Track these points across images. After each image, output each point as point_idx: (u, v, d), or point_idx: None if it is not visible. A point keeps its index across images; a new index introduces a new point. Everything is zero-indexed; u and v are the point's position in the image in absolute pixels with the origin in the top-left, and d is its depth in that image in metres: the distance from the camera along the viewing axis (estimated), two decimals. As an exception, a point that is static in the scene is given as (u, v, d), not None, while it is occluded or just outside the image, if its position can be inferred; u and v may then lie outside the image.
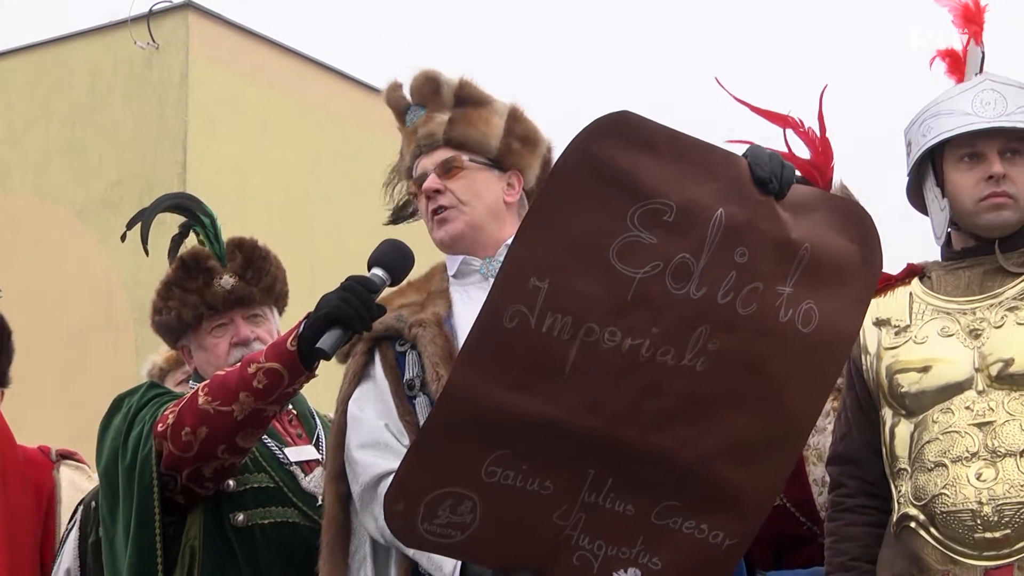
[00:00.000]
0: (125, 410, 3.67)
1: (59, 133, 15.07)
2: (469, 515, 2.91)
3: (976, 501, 3.29)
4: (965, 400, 3.38)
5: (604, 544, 3.00)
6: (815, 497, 3.93)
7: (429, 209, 3.45)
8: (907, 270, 3.63)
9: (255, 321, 3.88)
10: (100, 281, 14.13)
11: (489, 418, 2.84)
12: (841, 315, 3.03)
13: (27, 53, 15.56)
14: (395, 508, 2.90)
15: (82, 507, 4.53)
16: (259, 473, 3.72)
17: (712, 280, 2.87)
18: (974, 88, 3.51)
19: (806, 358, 3.00)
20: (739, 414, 2.97)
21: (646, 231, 2.81)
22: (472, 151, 3.46)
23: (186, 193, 4.08)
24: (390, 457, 3.25)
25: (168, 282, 3.90)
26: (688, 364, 2.89)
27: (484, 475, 2.88)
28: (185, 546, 3.61)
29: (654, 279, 2.83)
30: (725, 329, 2.90)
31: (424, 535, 2.92)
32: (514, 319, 2.79)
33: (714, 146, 2.93)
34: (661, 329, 2.85)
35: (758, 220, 2.91)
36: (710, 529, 3.04)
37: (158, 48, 14.62)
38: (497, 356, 2.82)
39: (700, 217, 2.85)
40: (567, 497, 2.95)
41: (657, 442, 2.93)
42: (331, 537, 3.34)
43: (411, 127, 3.47)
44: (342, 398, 3.39)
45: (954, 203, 3.51)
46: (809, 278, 2.96)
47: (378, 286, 3.31)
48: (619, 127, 2.81)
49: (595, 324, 2.81)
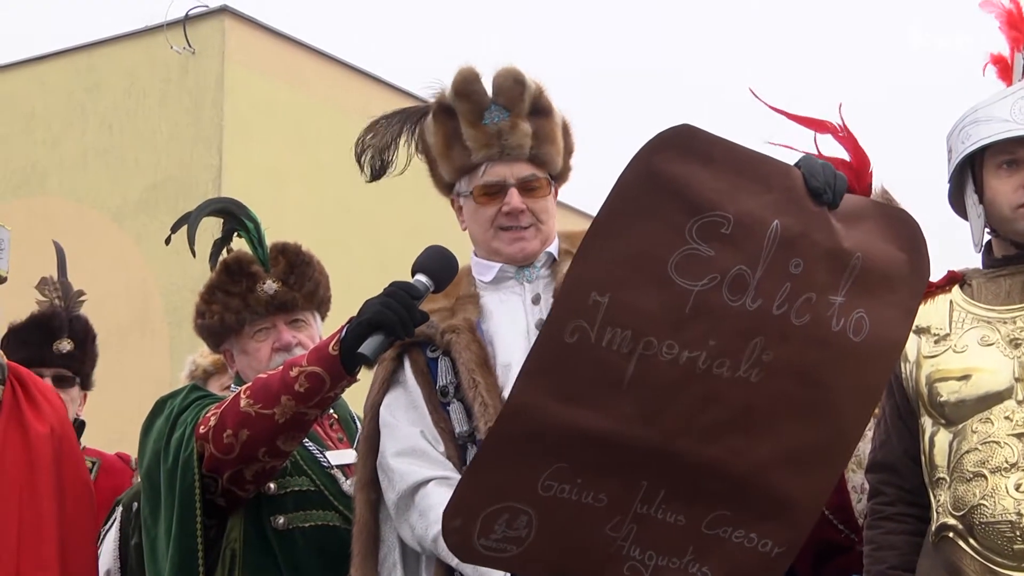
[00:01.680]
0: (167, 412, 3.69)
1: (96, 137, 15.14)
2: (525, 529, 2.92)
3: (1015, 512, 3.27)
4: (1005, 410, 3.37)
5: (655, 554, 3.02)
6: (854, 504, 3.92)
7: (504, 222, 3.43)
8: (947, 277, 3.63)
9: (297, 326, 3.89)
10: (136, 284, 14.19)
11: (548, 433, 2.85)
12: (890, 324, 3.04)
13: (64, 57, 15.63)
14: (453, 523, 2.91)
15: (121, 508, 4.56)
16: (300, 476, 3.74)
17: (767, 291, 2.89)
18: (1013, 95, 3.50)
19: (857, 367, 3.01)
20: (791, 424, 2.98)
21: (704, 244, 2.83)
22: (548, 170, 3.48)
23: (230, 198, 4.09)
24: (427, 465, 3.27)
25: (212, 286, 3.92)
26: (743, 375, 2.91)
27: (540, 489, 2.90)
28: (226, 548, 3.63)
29: (711, 292, 2.85)
30: (779, 340, 2.91)
31: (480, 550, 2.94)
32: (575, 334, 2.81)
33: (769, 157, 2.95)
34: (717, 341, 2.87)
35: (812, 231, 2.93)
36: (759, 538, 3.05)
37: (194, 53, 14.68)
38: (558, 371, 2.84)
39: (756, 229, 2.87)
40: (620, 509, 2.96)
41: (711, 453, 2.94)
42: (363, 544, 3.35)
43: (492, 128, 3.43)
44: (371, 404, 3.40)
45: (992, 210, 3.51)
46: (860, 287, 2.98)
47: (421, 292, 3.32)
48: (680, 140, 2.83)
49: (653, 338, 2.83)
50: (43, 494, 3.60)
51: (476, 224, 3.48)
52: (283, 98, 14.90)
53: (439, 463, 3.28)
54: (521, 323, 3.39)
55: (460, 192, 3.50)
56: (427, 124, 3.53)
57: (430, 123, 3.52)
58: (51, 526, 3.59)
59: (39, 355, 4.93)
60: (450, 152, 3.47)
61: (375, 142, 3.57)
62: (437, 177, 3.56)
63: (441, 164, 3.50)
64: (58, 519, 3.62)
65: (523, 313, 3.41)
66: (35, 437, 3.60)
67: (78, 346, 5.01)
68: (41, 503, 3.59)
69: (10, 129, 15.64)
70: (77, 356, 5.01)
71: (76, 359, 5.01)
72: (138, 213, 14.60)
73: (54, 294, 5.11)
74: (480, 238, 3.48)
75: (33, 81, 15.60)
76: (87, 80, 15.27)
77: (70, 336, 4.99)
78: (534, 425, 2.85)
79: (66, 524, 3.64)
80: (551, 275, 3.46)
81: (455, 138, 3.46)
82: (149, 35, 14.98)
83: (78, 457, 3.85)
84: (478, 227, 3.47)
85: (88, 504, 3.78)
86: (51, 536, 3.58)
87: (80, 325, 5.06)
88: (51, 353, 4.95)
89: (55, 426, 3.69)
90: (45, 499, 3.60)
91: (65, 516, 3.65)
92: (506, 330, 3.38)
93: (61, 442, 3.70)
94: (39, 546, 3.57)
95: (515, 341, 3.35)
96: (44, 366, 4.91)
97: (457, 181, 3.49)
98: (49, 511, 3.60)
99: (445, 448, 3.30)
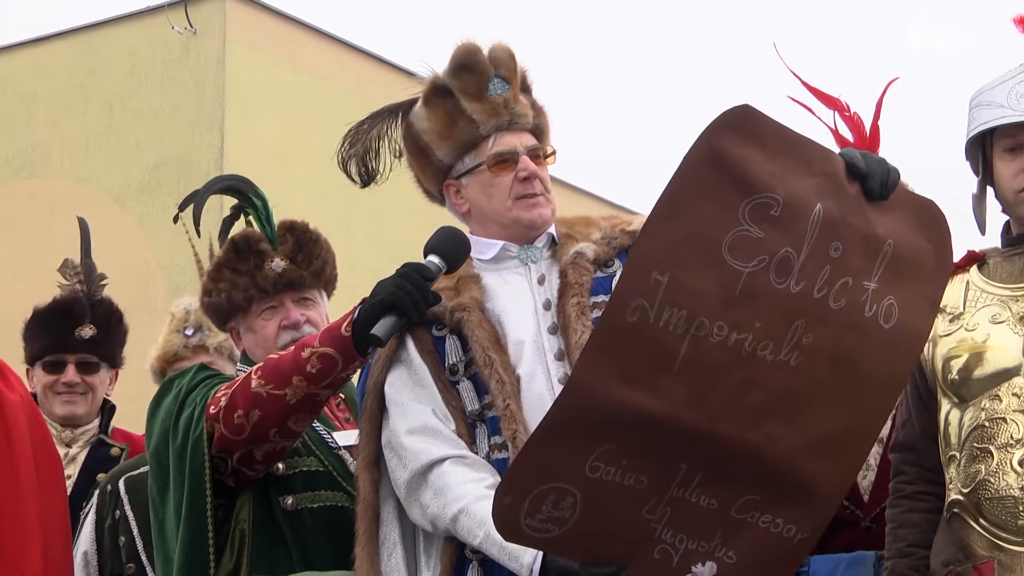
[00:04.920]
0: (176, 391, 3.68)
1: (97, 118, 15.15)
2: (569, 510, 2.93)
3: (1019, 488, 3.30)
4: (1012, 387, 3.39)
5: (686, 538, 3.03)
6: (859, 480, 3.93)
7: (520, 191, 3.42)
8: (967, 257, 3.63)
9: (305, 304, 3.87)
10: (138, 265, 14.18)
11: (603, 413, 2.86)
12: (916, 313, 3.07)
13: (65, 38, 15.64)
14: (504, 501, 2.92)
15: (98, 491, 4.58)
16: (308, 457, 3.73)
17: (810, 275, 2.91)
18: (1011, 80, 3.53)
19: (886, 353, 3.03)
20: (824, 408, 2.99)
21: (755, 225, 2.85)
22: (545, 143, 3.50)
23: (239, 175, 4.08)
24: (440, 443, 3.26)
25: (219, 264, 3.90)
26: (783, 359, 2.92)
27: (588, 470, 2.91)
28: (235, 529, 3.62)
29: (760, 273, 2.87)
30: (818, 323, 2.93)
31: (525, 529, 2.94)
32: (635, 313, 2.82)
33: (813, 141, 2.97)
34: (763, 323, 2.89)
35: (850, 215, 2.95)
36: (784, 523, 3.06)
37: (195, 33, 14.68)
38: (618, 351, 2.85)
39: (802, 211, 2.89)
40: (658, 491, 2.97)
41: (750, 437, 2.95)
42: (367, 523, 3.34)
43: (498, 98, 3.43)
44: (374, 383, 3.37)
45: (998, 192, 3.54)
46: (891, 274, 3.00)
47: (434, 273, 3.31)
48: (741, 121, 2.85)
49: (706, 319, 2.85)
50: (21, 461, 3.59)
51: (491, 197, 3.44)
52: (284, 78, 14.90)
53: (452, 441, 3.27)
54: (528, 302, 3.38)
55: (463, 170, 3.46)
56: (416, 114, 3.50)
57: (420, 111, 3.49)
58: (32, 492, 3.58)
59: (61, 342, 4.94)
60: (453, 130, 3.45)
61: (355, 151, 3.58)
62: (427, 170, 3.52)
63: (440, 147, 3.46)
64: (36, 486, 3.61)
65: (529, 292, 3.40)
66: (9, 405, 3.58)
67: (101, 330, 4.99)
68: (20, 470, 3.58)
69: (11, 111, 15.65)
70: (101, 340, 4.99)
71: (100, 344, 4.99)
72: (140, 194, 14.62)
73: (75, 278, 5.09)
74: (496, 210, 3.44)
75: (34, 63, 15.61)
76: (88, 61, 15.27)
77: (92, 321, 4.97)
78: (591, 405, 2.85)
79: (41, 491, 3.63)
80: (552, 257, 3.44)
81: (458, 115, 3.44)
82: (150, 16, 14.99)
83: (45, 426, 3.85)
84: (494, 200, 3.43)
85: (59, 472, 3.78)
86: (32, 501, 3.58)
87: (103, 309, 5.04)
88: (73, 339, 4.94)
89: (23, 395, 3.69)
90: (25, 465, 3.59)
91: (41, 483, 3.64)
92: (513, 309, 3.37)
93: (30, 410, 3.70)
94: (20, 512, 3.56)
95: (524, 320, 3.34)
96: (67, 352, 4.93)
97: (459, 160, 3.46)
98: (29, 477, 3.59)
99: (456, 426, 3.29)
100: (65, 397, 4.94)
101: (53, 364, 4.94)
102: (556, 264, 3.42)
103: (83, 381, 4.96)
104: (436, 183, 3.52)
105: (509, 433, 3.21)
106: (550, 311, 3.35)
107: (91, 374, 4.98)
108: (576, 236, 3.45)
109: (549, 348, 3.31)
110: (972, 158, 3.61)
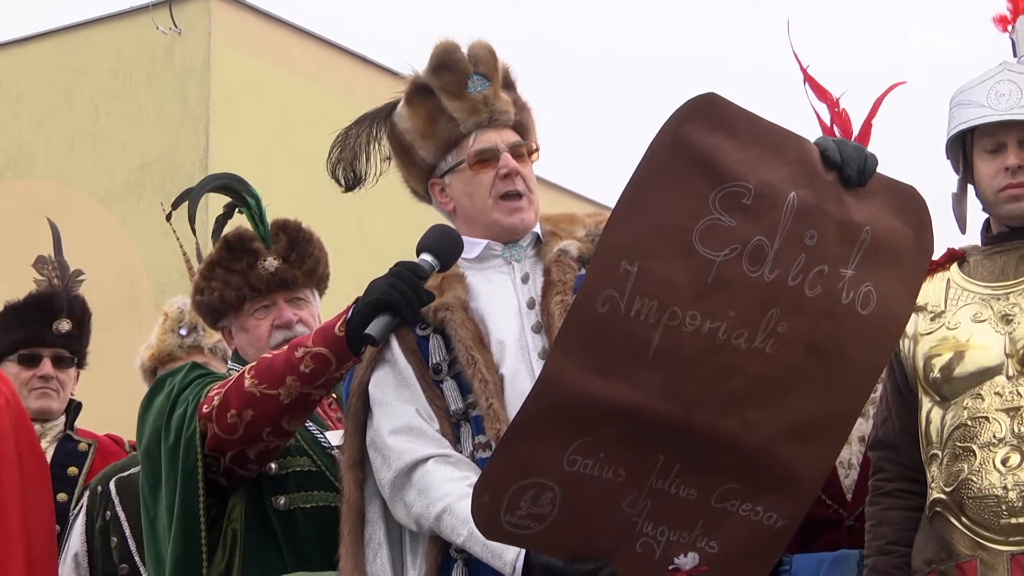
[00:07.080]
0: (168, 390, 3.67)
1: (82, 118, 15.09)
2: (548, 506, 2.92)
3: (1002, 487, 3.32)
4: (995, 386, 3.41)
5: (667, 530, 3.02)
6: (841, 480, 3.95)
7: (501, 189, 3.41)
8: (947, 255, 3.66)
9: (297, 304, 3.87)
10: (124, 266, 14.14)
11: (578, 405, 2.86)
12: (895, 299, 3.06)
13: (50, 38, 15.56)
14: (482, 499, 2.91)
15: (88, 492, 4.56)
16: (301, 457, 3.72)
17: (784, 263, 2.90)
18: (992, 79, 3.54)
19: (864, 340, 3.03)
20: (801, 396, 2.99)
21: (726, 214, 2.85)
22: (529, 140, 3.49)
23: (232, 174, 4.08)
24: (424, 443, 3.25)
25: (212, 262, 3.89)
26: (759, 347, 2.92)
27: (566, 464, 2.90)
28: (227, 529, 3.62)
29: (732, 262, 2.87)
30: (793, 311, 2.93)
31: (505, 527, 2.93)
32: (605, 304, 2.82)
33: (786, 129, 2.97)
34: (737, 312, 2.88)
35: (826, 203, 2.95)
36: (764, 511, 3.06)
37: (180, 33, 14.63)
38: (589, 343, 2.85)
39: (775, 200, 2.89)
40: (636, 484, 2.97)
41: (726, 425, 2.95)
42: (352, 524, 3.33)
43: (478, 96, 3.42)
44: (358, 383, 3.36)
45: (979, 191, 3.56)
46: (869, 261, 3.00)
47: (427, 272, 3.31)
48: (705, 109, 2.85)
49: (678, 308, 2.85)
50: (5, 462, 3.58)
51: (471, 196, 3.43)
52: (269, 78, 14.86)
53: (436, 441, 3.26)
54: (512, 302, 3.38)
55: (446, 169, 3.46)
56: (399, 114, 3.50)
57: (403, 111, 3.49)
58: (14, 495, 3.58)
59: (39, 335, 4.91)
60: (434, 128, 3.44)
61: (344, 157, 3.58)
62: (412, 169, 3.52)
63: (422, 146, 3.47)
64: (20, 488, 3.61)
65: (513, 292, 3.39)
66: None
67: (76, 326, 4.97)
68: (3, 472, 3.57)
69: (-5, 111, 15.59)
70: (76, 336, 4.98)
71: (75, 339, 4.98)
72: (125, 195, 14.57)
73: (52, 273, 5.08)
74: (478, 209, 3.43)
75: (18, 63, 15.53)
76: (73, 62, 15.21)
77: (69, 316, 4.95)
78: (565, 397, 2.85)
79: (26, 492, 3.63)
80: (536, 255, 3.44)
81: (438, 113, 3.44)
82: (135, 16, 14.92)
83: (31, 427, 3.84)
84: (475, 199, 3.43)
85: (44, 473, 3.77)
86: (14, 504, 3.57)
87: (79, 305, 5.02)
88: (51, 333, 4.91)
89: (8, 397, 3.69)
90: (7, 467, 3.59)
91: (25, 484, 3.64)
92: (497, 308, 3.36)
93: (16, 412, 3.70)
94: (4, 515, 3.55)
95: (507, 319, 3.34)
96: (43, 346, 4.90)
97: (442, 159, 3.46)
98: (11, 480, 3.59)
99: (440, 426, 3.28)
100: (40, 391, 4.89)
101: (29, 358, 4.89)
102: (540, 262, 3.42)
103: (56, 377, 4.92)
104: (421, 182, 3.52)
105: (493, 432, 3.20)
106: (534, 309, 3.35)
107: (64, 369, 4.94)
108: (561, 234, 3.45)
109: (533, 347, 3.31)
110: (952, 157, 3.63)
